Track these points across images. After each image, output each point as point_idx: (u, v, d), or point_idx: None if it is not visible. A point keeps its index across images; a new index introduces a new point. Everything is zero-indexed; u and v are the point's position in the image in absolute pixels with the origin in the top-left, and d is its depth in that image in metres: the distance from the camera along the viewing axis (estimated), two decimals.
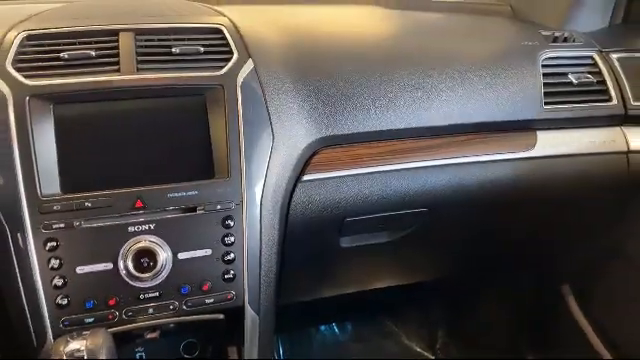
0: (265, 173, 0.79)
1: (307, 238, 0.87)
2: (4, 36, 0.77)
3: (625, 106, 1.01)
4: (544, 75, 0.98)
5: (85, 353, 0.56)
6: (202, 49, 0.81)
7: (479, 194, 0.95)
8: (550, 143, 0.98)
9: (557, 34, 1.06)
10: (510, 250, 1.21)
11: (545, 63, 1.00)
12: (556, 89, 0.98)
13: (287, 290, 0.91)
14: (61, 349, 0.56)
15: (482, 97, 0.93)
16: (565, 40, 1.06)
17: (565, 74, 1.01)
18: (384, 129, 0.87)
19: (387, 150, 0.88)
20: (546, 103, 0.97)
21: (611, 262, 1.20)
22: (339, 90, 0.86)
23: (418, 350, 1.51)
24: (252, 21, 0.89)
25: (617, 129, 1.03)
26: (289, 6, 1.07)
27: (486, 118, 0.92)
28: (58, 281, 0.70)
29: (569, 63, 1.03)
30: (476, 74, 0.94)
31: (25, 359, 0.70)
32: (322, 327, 1.55)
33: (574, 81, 1.00)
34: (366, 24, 1.05)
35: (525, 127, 0.97)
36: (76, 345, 0.57)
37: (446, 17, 1.16)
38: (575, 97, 0.99)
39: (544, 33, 1.06)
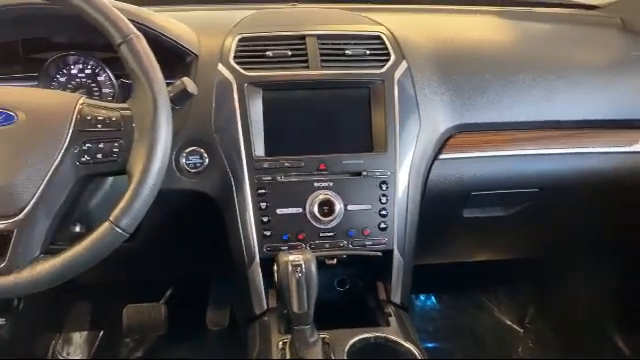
0: (413, 150, 1.01)
1: (438, 206, 1.09)
2: (225, 39, 1.04)
3: None
4: None
5: (302, 261, 0.81)
6: (368, 52, 1.04)
7: (586, 181, 1.12)
8: None
9: None
10: (607, 234, 1.36)
11: None
12: None
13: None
14: (284, 258, 0.81)
15: (595, 98, 1.10)
16: None
17: None
18: (510, 121, 1.07)
19: (511, 138, 1.08)
20: None
21: None
22: (474, 86, 1.07)
23: (508, 323, 1.68)
24: (404, 29, 1.11)
25: None
26: (431, 15, 1.28)
27: (598, 116, 1.10)
28: (264, 218, 0.96)
29: None
30: (590, 78, 1.11)
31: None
32: (422, 296, 1.76)
33: None
34: (493, 32, 1.24)
35: (631, 125, 1.13)
36: (294, 257, 0.82)
37: (561, 27, 1.33)
38: None
39: None
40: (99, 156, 0.72)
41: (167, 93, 0.75)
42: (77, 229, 0.87)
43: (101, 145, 0.72)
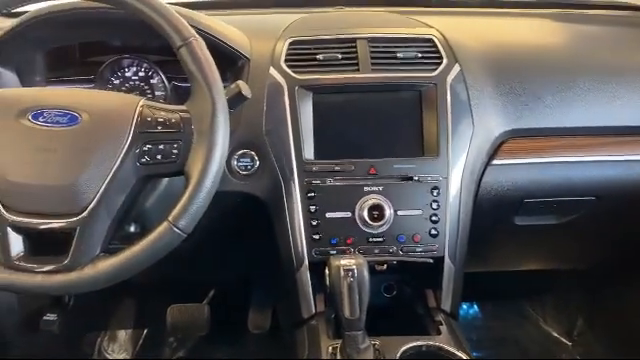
0: (466, 155, 0.99)
1: (489, 213, 1.06)
2: (276, 42, 1.04)
3: None
4: None
5: (354, 266, 0.80)
6: (419, 55, 1.03)
7: None
8: None
9: None
10: None
11: None
12: None
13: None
14: (336, 263, 0.80)
15: None
16: None
17: None
18: (566, 126, 1.03)
19: (566, 144, 1.04)
20: None
21: None
22: (528, 91, 1.04)
23: (555, 335, 1.63)
24: (456, 32, 1.09)
25: None
26: (481, 17, 1.26)
27: None
28: (313, 222, 0.96)
29: None
30: None
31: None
32: (464, 304, 1.72)
33: None
34: (546, 35, 1.21)
35: None
36: (346, 261, 0.81)
37: (617, 30, 1.28)
38: None
39: None
40: (159, 157, 0.73)
41: (225, 96, 0.75)
42: (132, 229, 0.88)
43: (161, 146, 0.73)
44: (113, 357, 1.52)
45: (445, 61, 1.02)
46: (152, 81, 1.10)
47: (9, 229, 0.70)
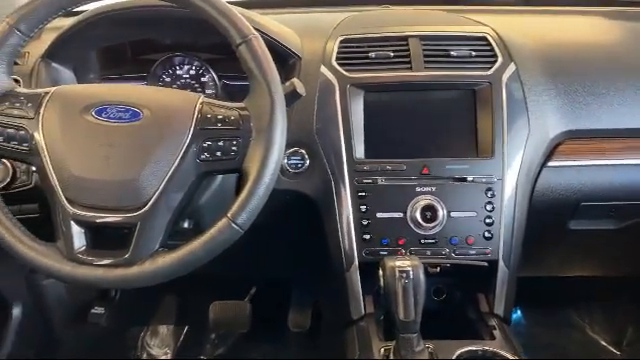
0: (522, 156, 0.96)
1: (543, 216, 1.03)
2: (327, 41, 1.04)
3: None
4: None
5: (410, 267, 0.79)
6: (473, 53, 1.01)
7: None
8: None
9: None
10: None
11: None
12: None
13: None
14: (391, 264, 0.79)
15: None
16: None
17: None
18: (625, 127, 1.00)
19: (625, 146, 1.00)
20: None
21: None
22: (586, 91, 1.00)
23: (603, 344, 1.57)
24: (510, 30, 1.06)
25: None
26: (534, 16, 1.22)
27: None
28: (364, 222, 0.94)
29: None
30: None
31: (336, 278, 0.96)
32: None
33: None
34: (603, 33, 1.16)
35: None
36: (401, 262, 0.80)
37: None
38: None
39: None
40: (218, 154, 0.73)
41: (283, 94, 0.75)
42: (185, 225, 0.89)
43: (220, 143, 0.73)
44: (155, 352, 1.54)
45: (500, 59, 1.00)
46: (203, 79, 1.11)
47: (72, 223, 0.71)
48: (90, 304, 1.34)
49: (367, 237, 0.94)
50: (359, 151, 0.97)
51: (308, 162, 0.98)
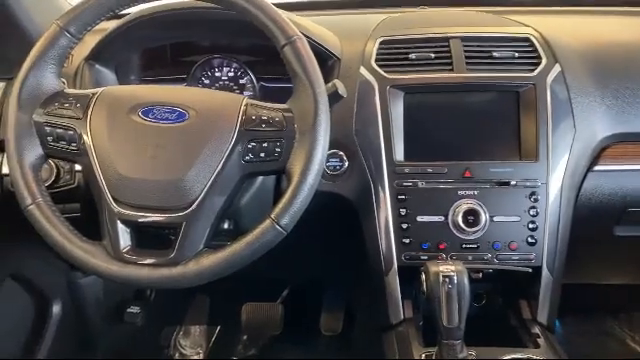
0: (567, 160, 0.94)
1: (587, 221, 1.00)
2: (366, 42, 1.03)
3: None
4: None
5: (454, 272, 0.77)
6: (516, 54, 0.99)
7: None
8: None
9: None
10: None
11: None
12: None
13: None
14: (434, 268, 0.78)
15: None
16: None
17: None
18: None
19: None
20: None
21: None
22: (634, 92, 0.97)
23: None
24: (554, 31, 1.03)
25: None
26: (577, 16, 1.19)
27: None
28: (404, 225, 0.93)
29: None
30: None
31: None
32: None
33: None
34: None
35: None
36: (444, 267, 0.78)
37: None
38: None
39: None
40: (262, 155, 0.73)
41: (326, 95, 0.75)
42: (225, 226, 0.89)
43: (264, 144, 0.73)
44: (187, 352, 1.55)
45: (544, 61, 0.97)
46: (241, 81, 1.12)
47: (118, 222, 0.72)
48: (126, 303, 1.36)
49: (407, 241, 0.93)
50: (399, 153, 0.95)
51: (347, 164, 0.97)
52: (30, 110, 0.75)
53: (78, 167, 0.97)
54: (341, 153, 0.97)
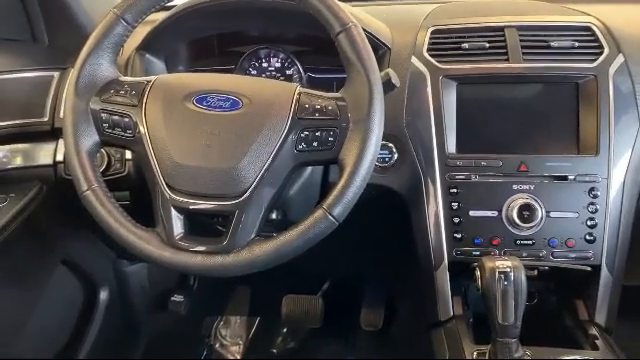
0: (630, 155, 0.89)
1: None
2: (417, 32, 1.00)
3: None
4: None
5: (511, 269, 0.74)
6: (576, 44, 0.94)
7: None
8: None
9: None
10: None
11: None
12: None
13: None
14: (490, 264, 0.75)
15: None
16: None
17: None
18: None
19: None
20: None
21: None
22: None
23: None
24: (617, 20, 0.99)
25: None
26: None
27: None
28: (455, 220, 0.91)
29: None
30: None
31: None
32: None
33: None
34: None
35: None
36: (501, 262, 0.76)
37: None
38: None
39: None
40: (315, 144, 0.72)
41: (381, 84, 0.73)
42: (273, 216, 0.88)
43: (318, 133, 0.72)
44: (227, 342, 1.56)
45: (606, 51, 0.93)
46: (288, 72, 1.11)
47: (172, 208, 0.72)
48: (169, 292, 1.38)
49: (458, 236, 0.91)
50: (451, 145, 0.93)
51: (396, 156, 0.95)
52: (87, 97, 0.76)
53: (128, 155, 0.98)
54: (391, 145, 0.95)
